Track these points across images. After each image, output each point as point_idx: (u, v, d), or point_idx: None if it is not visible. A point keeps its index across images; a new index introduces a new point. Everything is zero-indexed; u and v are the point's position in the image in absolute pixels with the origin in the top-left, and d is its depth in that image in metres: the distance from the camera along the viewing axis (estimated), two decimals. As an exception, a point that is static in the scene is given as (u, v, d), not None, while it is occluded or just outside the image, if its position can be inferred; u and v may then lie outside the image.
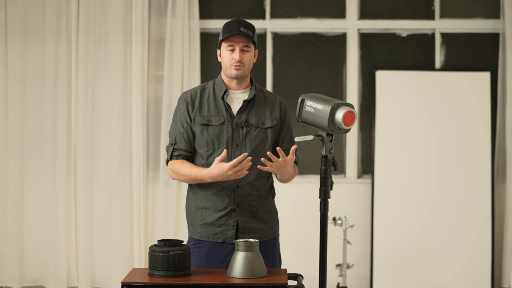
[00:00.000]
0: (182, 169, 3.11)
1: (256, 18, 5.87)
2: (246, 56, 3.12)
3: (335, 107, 2.67)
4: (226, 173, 2.96)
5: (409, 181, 5.65)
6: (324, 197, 2.70)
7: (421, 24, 5.87)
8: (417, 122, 5.69)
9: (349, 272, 5.62)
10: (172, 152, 3.17)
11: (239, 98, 3.18)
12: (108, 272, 5.75)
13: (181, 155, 3.16)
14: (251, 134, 3.14)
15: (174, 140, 3.17)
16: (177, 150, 3.16)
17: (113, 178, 5.72)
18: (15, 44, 5.73)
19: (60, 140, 5.72)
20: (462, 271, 5.57)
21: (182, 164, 3.12)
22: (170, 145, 3.18)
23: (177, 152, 3.16)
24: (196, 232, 3.16)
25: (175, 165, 3.14)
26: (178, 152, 3.16)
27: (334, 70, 5.93)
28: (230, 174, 2.96)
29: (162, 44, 5.75)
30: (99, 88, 5.73)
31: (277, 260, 3.23)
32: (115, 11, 5.69)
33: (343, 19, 5.89)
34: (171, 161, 3.17)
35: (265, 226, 3.18)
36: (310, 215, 5.38)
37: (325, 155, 2.70)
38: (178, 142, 3.16)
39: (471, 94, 5.69)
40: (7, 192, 5.75)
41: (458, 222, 5.59)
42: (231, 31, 3.08)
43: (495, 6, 5.78)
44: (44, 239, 5.75)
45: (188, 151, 3.16)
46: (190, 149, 3.16)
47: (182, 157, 3.15)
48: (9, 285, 5.76)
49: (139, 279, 2.72)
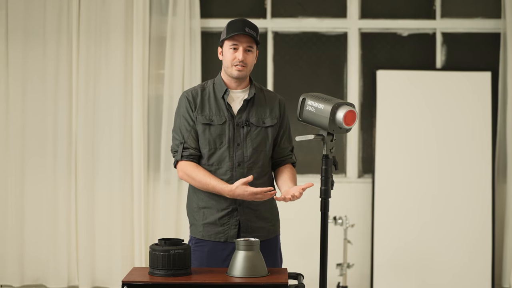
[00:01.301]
0: (198, 176, 3.07)
1: (257, 17, 5.87)
2: (249, 56, 3.11)
3: (336, 106, 2.67)
4: (248, 196, 2.98)
5: (410, 180, 5.65)
6: (324, 197, 2.70)
7: (422, 23, 5.87)
8: (418, 121, 5.69)
9: (350, 272, 5.62)
10: (182, 152, 3.11)
11: (239, 98, 3.17)
12: (108, 271, 5.75)
13: (192, 155, 3.11)
14: (252, 133, 3.14)
15: (183, 138, 3.12)
16: (188, 148, 3.11)
17: (113, 177, 5.72)
18: (16, 43, 5.73)
19: (61, 139, 5.72)
20: (462, 270, 5.57)
21: (199, 171, 3.07)
22: (179, 144, 3.13)
23: (188, 152, 3.11)
24: (198, 232, 3.16)
25: (189, 169, 3.09)
26: (189, 151, 3.11)
27: (335, 70, 5.93)
28: (250, 198, 2.98)
29: (163, 43, 5.75)
30: (100, 87, 5.73)
31: (279, 259, 3.24)
32: (116, 10, 5.69)
33: (344, 18, 5.88)
34: (183, 162, 3.11)
35: (267, 224, 3.19)
36: (310, 215, 5.37)
37: (326, 155, 2.70)
38: (187, 139, 3.11)
39: (472, 93, 5.69)
40: (7, 191, 5.76)
41: (458, 221, 5.60)
42: (236, 31, 3.07)
43: (496, 6, 5.78)
44: (44, 238, 5.75)
45: (197, 149, 3.12)
46: (198, 146, 3.13)
47: (193, 157, 3.11)
48: (10, 284, 5.76)
49: (140, 278, 2.72)
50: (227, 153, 3.11)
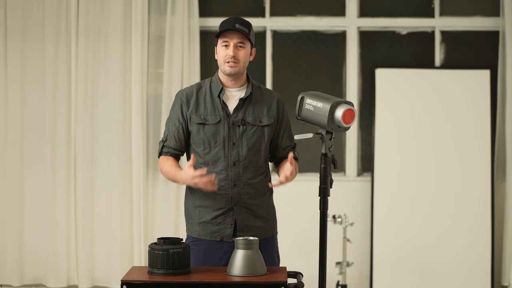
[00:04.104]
0: (164, 167, 3.15)
1: (255, 16, 5.86)
2: (241, 52, 3.11)
3: (335, 105, 2.67)
4: (192, 180, 2.96)
5: (409, 179, 5.65)
6: (323, 195, 2.71)
7: (421, 22, 5.87)
8: (417, 120, 5.68)
9: (349, 270, 5.62)
10: (161, 149, 3.21)
11: (235, 96, 3.17)
12: (108, 270, 5.75)
13: (169, 153, 3.19)
14: (247, 133, 3.14)
15: (166, 138, 3.20)
16: (166, 147, 3.20)
17: (113, 176, 5.72)
18: (15, 42, 5.72)
19: (60, 138, 5.72)
20: (462, 268, 5.57)
21: (166, 162, 3.15)
22: (161, 141, 3.22)
23: (166, 149, 3.20)
24: (194, 231, 3.17)
25: (161, 161, 3.19)
26: (167, 149, 3.20)
27: (333, 68, 5.93)
28: (197, 182, 2.96)
29: (162, 42, 5.75)
30: (99, 86, 5.73)
31: (276, 258, 3.23)
32: (115, 9, 5.68)
33: (343, 17, 5.88)
34: (160, 157, 3.21)
35: (264, 224, 3.18)
36: (310, 213, 5.37)
37: (325, 153, 2.70)
38: (168, 140, 3.19)
39: (471, 92, 5.69)
40: (7, 190, 5.75)
41: (458, 219, 5.60)
42: (226, 28, 3.08)
43: (495, 4, 5.78)
44: (44, 238, 5.75)
45: (176, 150, 3.19)
46: (179, 147, 3.19)
47: (170, 154, 3.19)
48: (9, 283, 5.76)
49: (139, 277, 2.72)
50: (222, 152, 3.11)
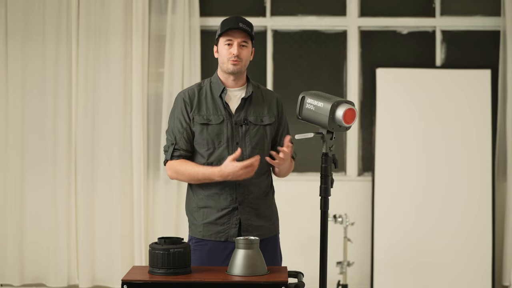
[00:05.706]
0: (187, 169, 3.08)
1: (256, 16, 5.86)
2: (244, 51, 3.12)
3: (336, 104, 2.67)
4: (238, 172, 2.96)
5: (410, 178, 5.64)
6: (324, 195, 2.70)
7: (422, 21, 5.87)
8: (418, 120, 5.68)
9: (350, 270, 5.62)
10: (172, 152, 3.13)
11: (236, 96, 3.17)
12: (108, 270, 5.75)
13: (181, 155, 3.13)
14: (250, 132, 3.14)
15: (174, 140, 3.14)
16: (178, 150, 3.13)
17: (113, 175, 5.72)
18: (16, 42, 5.72)
19: (61, 138, 5.72)
20: (462, 268, 5.57)
21: (187, 164, 3.09)
22: (170, 145, 3.15)
23: (178, 152, 3.13)
24: (198, 232, 3.16)
25: (177, 165, 3.11)
26: (179, 152, 3.13)
27: (334, 68, 5.93)
28: (241, 174, 2.97)
29: (162, 42, 5.75)
30: (99, 85, 5.72)
31: (279, 258, 3.24)
32: (116, 8, 5.68)
33: (344, 16, 5.88)
34: (172, 161, 3.13)
35: (267, 223, 3.19)
36: (310, 213, 5.37)
37: (326, 153, 2.70)
38: (178, 141, 3.13)
39: (472, 91, 5.69)
40: (7, 189, 5.75)
41: (458, 219, 5.59)
42: (230, 26, 3.08)
43: (496, 4, 5.78)
44: (44, 237, 5.75)
45: (188, 151, 3.14)
46: (190, 148, 3.14)
47: (182, 157, 3.13)
48: (10, 283, 5.76)
49: (140, 276, 2.72)
50: (226, 152, 3.11)
